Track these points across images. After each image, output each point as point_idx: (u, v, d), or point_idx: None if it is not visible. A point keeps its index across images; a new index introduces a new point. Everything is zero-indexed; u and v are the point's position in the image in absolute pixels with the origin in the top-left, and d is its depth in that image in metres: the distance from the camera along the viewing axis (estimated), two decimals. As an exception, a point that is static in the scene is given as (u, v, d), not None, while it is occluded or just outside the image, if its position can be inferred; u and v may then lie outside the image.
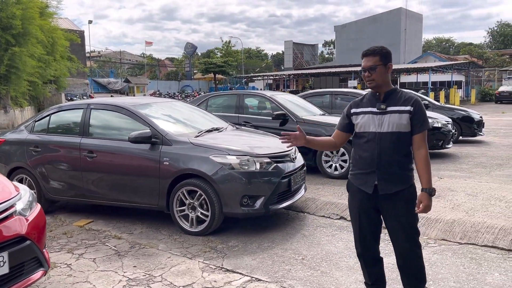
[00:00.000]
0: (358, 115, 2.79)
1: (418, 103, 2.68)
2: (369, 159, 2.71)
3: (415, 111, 2.65)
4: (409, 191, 2.70)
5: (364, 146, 2.75)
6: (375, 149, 2.69)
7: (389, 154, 2.67)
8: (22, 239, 2.98)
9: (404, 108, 2.65)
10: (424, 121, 2.69)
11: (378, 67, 2.68)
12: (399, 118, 2.65)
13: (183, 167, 4.67)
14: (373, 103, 2.74)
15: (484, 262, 3.85)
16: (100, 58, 69.12)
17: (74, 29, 34.24)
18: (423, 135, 2.70)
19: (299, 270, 3.75)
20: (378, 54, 2.70)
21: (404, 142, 2.68)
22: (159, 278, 3.65)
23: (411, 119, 2.65)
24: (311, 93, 10.66)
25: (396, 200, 2.69)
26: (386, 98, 2.71)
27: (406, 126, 2.65)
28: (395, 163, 2.67)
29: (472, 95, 35.18)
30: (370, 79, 2.70)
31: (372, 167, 2.70)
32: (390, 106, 2.68)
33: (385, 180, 2.68)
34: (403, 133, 2.66)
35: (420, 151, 2.69)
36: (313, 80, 52.58)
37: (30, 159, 5.54)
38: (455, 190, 6.16)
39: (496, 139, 12.29)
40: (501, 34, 68.52)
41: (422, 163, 2.69)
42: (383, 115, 2.68)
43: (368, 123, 2.72)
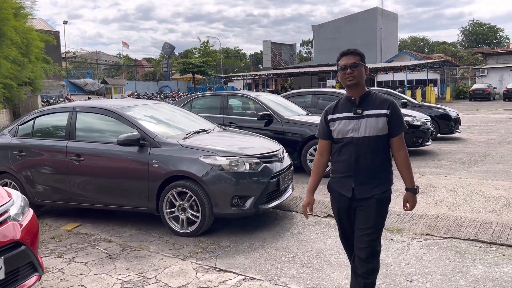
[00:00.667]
0: (334, 121, 2.76)
1: (394, 105, 2.69)
2: (347, 163, 2.71)
3: (392, 114, 2.65)
4: (384, 195, 2.71)
5: (341, 150, 2.74)
6: (352, 153, 2.68)
7: (366, 158, 2.67)
8: (17, 244, 2.97)
9: (381, 111, 2.65)
10: (402, 123, 2.70)
11: (360, 66, 2.69)
12: (376, 122, 2.64)
13: (173, 169, 4.69)
14: (349, 107, 2.71)
15: (468, 255, 4.01)
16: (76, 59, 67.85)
17: (49, 29, 33.58)
18: (402, 137, 2.72)
19: (291, 268, 3.83)
20: (358, 54, 2.72)
21: (382, 145, 2.68)
22: (153, 279, 3.67)
23: (388, 122, 2.65)
24: (293, 93, 10.78)
25: (369, 202, 2.70)
26: (362, 102, 2.70)
27: (383, 129, 2.66)
28: (372, 167, 2.68)
29: (447, 93, 36.04)
30: (352, 76, 2.67)
31: (350, 171, 2.71)
32: (366, 110, 2.67)
33: (362, 184, 2.69)
34: (381, 136, 2.66)
35: (400, 153, 2.71)
36: (292, 79, 52.93)
37: (14, 163, 5.46)
38: (437, 186, 6.35)
39: (472, 136, 12.67)
40: (473, 33, 70.40)
41: (403, 164, 2.72)
42: (360, 120, 2.67)
43: (345, 128, 2.70)
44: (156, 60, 79.90)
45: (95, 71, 64.28)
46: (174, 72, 61.55)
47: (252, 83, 55.89)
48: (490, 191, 5.92)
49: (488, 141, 11.55)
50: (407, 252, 4.11)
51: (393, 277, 3.60)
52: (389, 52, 54.38)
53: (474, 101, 34.15)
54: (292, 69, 49.76)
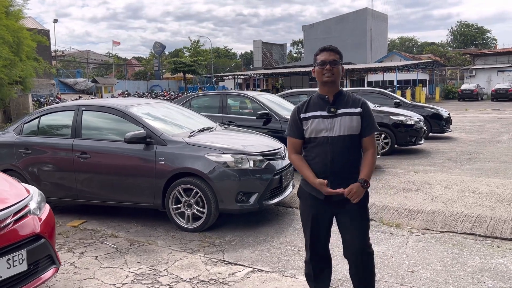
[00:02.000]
0: (307, 120, 2.65)
1: (366, 105, 2.66)
2: (321, 164, 2.62)
3: (364, 113, 2.62)
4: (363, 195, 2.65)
5: (314, 151, 2.65)
6: (327, 154, 2.59)
7: (342, 159, 2.59)
8: (37, 237, 3.07)
9: (354, 110, 2.60)
10: (373, 123, 2.67)
11: (339, 64, 2.63)
12: (350, 120, 2.59)
13: (179, 166, 4.81)
14: (322, 106, 2.63)
15: (464, 247, 4.20)
16: (65, 58, 67.25)
17: (39, 28, 33.29)
18: (372, 137, 2.68)
19: (297, 260, 3.97)
20: (337, 53, 2.64)
21: (356, 144, 2.64)
22: (164, 272, 3.79)
23: (361, 121, 2.62)
24: (288, 92, 10.99)
25: (348, 204, 2.63)
26: (335, 101, 2.63)
27: (357, 128, 2.61)
28: (347, 167, 2.61)
29: (436, 93, 36.56)
30: (330, 73, 2.59)
31: (325, 173, 2.61)
32: (340, 108, 2.61)
33: (338, 185, 2.59)
34: (355, 135, 2.61)
35: (369, 151, 2.66)
36: (283, 79, 53.16)
37: (19, 161, 5.53)
38: (432, 183, 6.55)
39: (463, 135, 12.96)
40: (461, 34, 71.37)
41: (367, 159, 2.64)
42: (334, 119, 2.60)
43: (319, 127, 2.61)
44: (146, 59, 79.52)
45: (85, 70, 63.82)
46: (164, 72, 61.41)
47: (243, 82, 56.00)
48: (483, 188, 6.13)
49: (478, 140, 11.84)
50: (407, 245, 4.29)
51: (395, 268, 3.76)
52: (378, 53, 54.96)
53: (462, 101, 34.70)
54: (283, 69, 50.02)
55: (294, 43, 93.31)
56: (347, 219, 2.70)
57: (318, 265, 2.88)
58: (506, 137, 12.37)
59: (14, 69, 20.44)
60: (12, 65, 20.17)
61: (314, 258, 2.87)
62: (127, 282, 3.61)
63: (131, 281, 3.62)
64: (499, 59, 41.58)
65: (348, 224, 2.71)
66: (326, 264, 2.95)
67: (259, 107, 8.07)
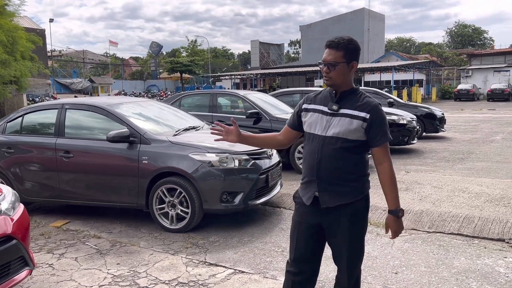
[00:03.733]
0: (308, 112, 2.42)
1: (378, 111, 2.29)
2: (310, 166, 2.36)
3: (373, 120, 2.26)
4: (356, 205, 2.34)
5: (307, 149, 2.40)
6: (316, 154, 2.33)
7: (330, 162, 2.30)
8: (8, 238, 2.99)
9: (359, 113, 2.26)
10: (385, 132, 2.30)
11: (340, 65, 2.28)
12: (349, 123, 2.27)
13: (163, 166, 4.73)
14: (327, 101, 2.37)
15: (451, 248, 4.13)
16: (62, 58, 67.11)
17: (34, 27, 33.17)
18: (385, 148, 2.31)
19: (280, 262, 3.90)
20: (342, 49, 2.29)
21: (351, 150, 2.29)
22: (144, 274, 3.71)
23: (367, 128, 2.27)
24: (281, 92, 10.90)
25: (340, 216, 2.33)
26: (342, 99, 2.33)
27: (355, 134, 2.28)
28: (337, 173, 2.31)
29: (432, 93, 36.55)
30: (328, 76, 2.32)
31: (313, 176, 2.35)
32: (344, 108, 2.30)
33: (326, 191, 2.32)
34: (351, 140, 2.28)
35: (383, 166, 2.32)
36: (280, 79, 53.09)
37: (2, 160, 5.44)
38: (422, 183, 6.49)
39: (457, 135, 12.92)
40: (459, 34, 71.41)
41: (386, 179, 2.33)
42: (333, 117, 2.31)
43: (315, 123, 2.37)
44: (143, 59, 79.43)
45: (82, 70, 63.67)
46: (161, 71, 61.28)
47: (240, 82, 55.94)
48: (473, 188, 6.07)
49: (472, 140, 11.79)
50: (393, 246, 4.22)
51: (379, 269, 3.69)
52: (376, 53, 54.94)
53: (459, 101, 34.71)
54: (280, 69, 49.98)
55: (292, 43, 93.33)
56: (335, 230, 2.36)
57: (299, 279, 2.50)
58: (500, 136, 12.33)
59: (8, 68, 20.36)
60: (7, 64, 20.08)
61: (297, 276, 2.50)
62: (104, 284, 3.52)
63: (108, 283, 3.54)
64: (496, 60, 41.58)
65: (336, 237, 2.38)
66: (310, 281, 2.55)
67: (250, 106, 8.00)
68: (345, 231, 2.35)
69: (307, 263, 2.49)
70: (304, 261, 2.48)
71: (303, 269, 2.50)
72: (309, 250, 2.46)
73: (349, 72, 2.34)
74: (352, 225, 2.35)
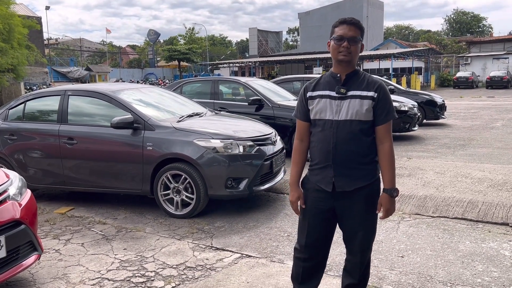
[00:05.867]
0: (314, 99, 2.38)
1: (383, 89, 2.30)
2: (325, 151, 2.33)
3: (379, 98, 2.28)
4: (371, 187, 2.35)
5: (319, 135, 2.36)
6: (330, 139, 2.30)
7: (346, 146, 2.29)
8: (17, 223, 2.99)
9: (367, 93, 2.27)
10: (390, 111, 2.31)
11: (359, 42, 2.29)
12: (360, 104, 2.27)
13: (167, 152, 4.72)
14: (332, 85, 2.34)
15: (455, 232, 4.16)
16: (59, 46, 66.50)
17: (31, 15, 32.81)
18: (388, 126, 2.32)
19: (286, 246, 3.92)
20: (360, 28, 2.31)
21: (365, 132, 2.30)
22: (151, 258, 3.72)
23: (374, 107, 2.28)
24: (282, 79, 10.84)
25: (354, 198, 2.34)
26: (347, 81, 2.31)
27: (367, 114, 2.28)
28: (353, 156, 2.30)
29: (431, 80, 36.48)
30: (347, 51, 2.26)
31: (328, 161, 2.32)
32: (351, 90, 2.29)
33: (342, 175, 2.31)
34: (363, 121, 2.28)
35: (384, 145, 2.32)
36: (279, 67, 52.89)
37: (5, 147, 5.42)
38: (424, 169, 6.50)
39: (457, 122, 12.93)
40: (457, 22, 71.09)
41: (385, 159, 2.32)
42: (342, 101, 2.29)
43: (325, 109, 2.33)
44: (140, 47, 78.86)
45: (79, 58, 63.23)
46: (159, 59, 60.87)
47: (238, 70, 55.70)
48: (476, 173, 6.09)
49: (473, 126, 11.80)
50: (398, 230, 4.24)
51: (384, 253, 3.72)
52: (374, 40, 54.67)
53: (458, 88, 34.67)
54: (279, 57, 49.74)
55: (290, 31, 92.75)
56: (349, 213, 2.37)
57: (309, 264, 2.53)
58: (500, 123, 12.34)
59: (5, 56, 20.19)
60: (3, 52, 19.90)
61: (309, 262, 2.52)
62: (112, 269, 3.54)
63: (116, 268, 3.56)
64: (495, 47, 41.46)
65: (349, 220, 2.39)
66: (320, 266, 2.58)
67: (252, 93, 7.97)
68: (359, 214, 2.37)
69: (318, 249, 2.50)
70: (315, 246, 2.49)
71: (314, 255, 2.51)
72: (320, 236, 2.47)
73: (360, 52, 2.36)
74: (367, 207, 2.36)
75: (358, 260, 2.48)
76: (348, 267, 2.57)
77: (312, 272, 2.57)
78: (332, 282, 3.21)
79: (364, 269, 2.54)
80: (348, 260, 2.55)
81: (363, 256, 2.48)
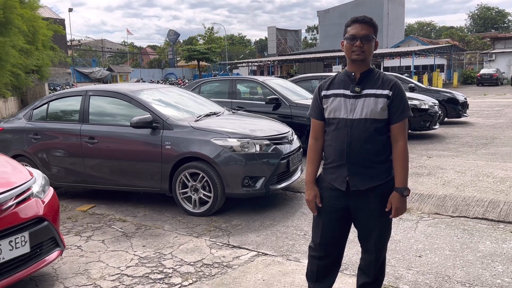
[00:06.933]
0: (328, 98, 2.38)
1: (398, 87, 2.30)
2: (339, 150, 2.34)
3: (394, 96, 2.27)
4: (386, 186, 2.34)
5: (333, 134, 2.37)
6: (345, 138, 2.31)
7: (360, 145, 2.29)
8: (40, 220, 3.08)
9: (382, 91, 2.27)
10: (404, 109, 2.30)
11: (372, 40, 2.30)
12: (375, 103, 2.27)
13: (185, 151, 4.78)
14: (347, 84, 2.34)
15: (475, 232, 4.09)
16: (81, 47, 67.82)
17: (54, 17, 33.58)
18: (403, 125, 2.32)
19: (302, 244, 3.93)
20: (373, 25, 2.31)
21: (379, 130, 2.30)
22: (169, 255, 3.79)
23: (389, 105, 2.28)
24: (300, 78, 10.81)
25: (369, 197, 2.34)
26: (362, 80, 2.32)
27: (382, 113, 2.28)
28: (367, 155, 2.30)
29: (454, 78, 35.78)
30: (361, 50, 2.27)
31: (342, 159, 2.33)
32: (366, 88, 2.30)
33: (356, 174, 2.32)
34: (378, 120, 2.28)
35: (398, 144, 2.31)
36: (298, 66, 52.71)
37: (29, 147, 5.58)
38: (445, 168, 6.41)
39: (480, 120, 12.66)
40: (481, 18, 69.50)
41: (398, 158, 2.31)
42: (357, 99, 2.30)
43: (339, 107, 2.33)
44: (160, 48, 79.72)
45: (101, 59, 64.33)
46: (179, 59, 61.44)
47: (257, 69, 55.73)
48: (498, 172, 5.97)
49: (496, 125, 11.54)
50: (416, 230, 4.20)
51: (402, 252, 3.69)
52: (395, 38, 53.95)
53: (481, 86, 33.92)
54: (298, 55, 49.52)
55: (309, 29, 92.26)
56: (364, 212, 2.38)
57: (324, 263, 2.54)
58: (525, 121, 12.03)
59: (30, 58, 20.74)
60: (29, 54, 20.45)
61: (323, 260, 2.53)
62: (131, 265, 3.62)
63: (135, 264, 3.63)
64: (521, 43, 40.40)
65: (365, 219, 2.40)
66: (335, 264, 2.60)
67: (269, 92, 7.98)
68: (374, 212, 2.36)
69: (333, 247, 2.51)
70: (330, 244, 2.49)
71: (329, 253, 2.51)
72: (335, 234, 2.48)
73: (374, 50, 2.36)
74: (381, 206, 2.35)
75: (373, 258, 2.48)
76: (363, 265, 2.57)
77: (327, 270, 2.57)
78: (348, 281, 3.21)
79: (379, 268, 2.54)
80: (363, 258, 2.55)
81: (378, 255, 2.47)
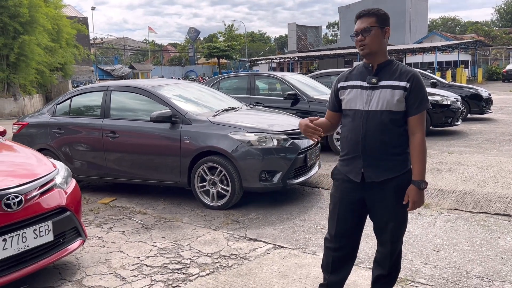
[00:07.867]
0: (345, 89, 2.39)
1: (417, 78, 2.25)
2: (354, 142, 2.33)
3: (411, 88, 2.23)
4: (402, 179, 2.32)
5: (349, 126, 2.37)
6: (360, 130, 2.30)
7: (376, 137, 2.27)
8: (63, 210, 3.19)
9: (399, 83, 2.24)
10: (422, 101, 2.26)
11: (373, 30, 2.25)
12: (391, 94, 2.24)
13: (204, 145, 4.85)
14: (364, 76, 2.33)
15: (496, 228, 4.03)
16: (103, 45, 68.97)
17: (77, 16, 34.25)
18: (421, 117, 2.27)
19: (319, 238, 3.94)
20: (374, 15, 2.28)
21: (395, 123, 2.27)
22: (187, 247, 3.86)
23: (406, 97, 2.24)
24: (319, 73, 10.76)
25: (385, 189, 2.32)
26: (379, 71, 2.30)
27: (398, 105, 2.25)
28: (383, 147, 2.29)
29: (479, 74, 34.96)
30: (362, 44, 2.27)
31: (357, 151, 2.33)
32: (383, 80, 2.27)
33: (371, 166, 2.31)
34: (394, 112, 2.25)
35: (415, 137, 2.28)
36: (318, 62, 52.38)
37: (53, 141, 5.75)
38: (466, 164, 6.31)
39: (505, 116, 12.37)
40: (508, 12, 67.59)
41: (416, 150, 2.28)
42: (373, 91, 2.28)
43: (355, 98, 2.33)
44: (181, 45, 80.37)
45: (123, 56, 65.29)
46: (199, 57, 61.89)
47: (277, 66, 55.69)
48: (521, 169, 5.85)
49: (521, 121, 11.26)
50: (434, 225, 4.16)
51: (420, 247, 3.67)
52: (418, 33, 53.08)
53: (507, 82, 32.98)
54: (318, 52, 49.24)
55: (330, 25, 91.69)
56: (379, 204, 2.37)
57: (339, 254, 2.54)
58: (551, 118, 11.70)
59: (54, 55, 21.25)
60: (53, 51, 20.95)
61: (339, 252, 2.53)
62: (150, 256, 3.70)
63: (154, 255, 3.71)
64: (549, 37, 39.16)
65: (380, 211, 2.39)
66: (350, 256, 2.60)
67: (288, 88, 7.99)
68: (390, 204, 2.35)
69: (348, 239, 2.51)
70: (345, 236, 2.49)
71: (344, 245, 2.51)
72: (350, 226, 2.48)
73: (384, 39, 2.31)
74: (397, 198, 2.34)
75: (388, 250, 2.47)
76: (378, 258, 2.57)
77: (342, 262, 2.58)
78: (364, 274, 3.21)
79: (394, 261, 2.54)
80: (379, 251, 2.55)
81: (393, 247, 2.47)
